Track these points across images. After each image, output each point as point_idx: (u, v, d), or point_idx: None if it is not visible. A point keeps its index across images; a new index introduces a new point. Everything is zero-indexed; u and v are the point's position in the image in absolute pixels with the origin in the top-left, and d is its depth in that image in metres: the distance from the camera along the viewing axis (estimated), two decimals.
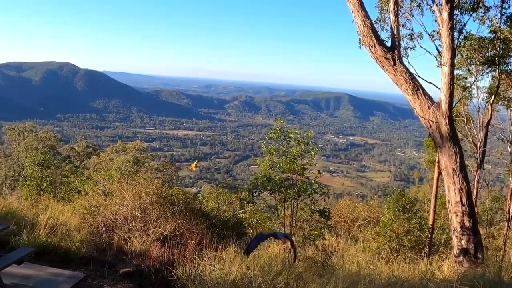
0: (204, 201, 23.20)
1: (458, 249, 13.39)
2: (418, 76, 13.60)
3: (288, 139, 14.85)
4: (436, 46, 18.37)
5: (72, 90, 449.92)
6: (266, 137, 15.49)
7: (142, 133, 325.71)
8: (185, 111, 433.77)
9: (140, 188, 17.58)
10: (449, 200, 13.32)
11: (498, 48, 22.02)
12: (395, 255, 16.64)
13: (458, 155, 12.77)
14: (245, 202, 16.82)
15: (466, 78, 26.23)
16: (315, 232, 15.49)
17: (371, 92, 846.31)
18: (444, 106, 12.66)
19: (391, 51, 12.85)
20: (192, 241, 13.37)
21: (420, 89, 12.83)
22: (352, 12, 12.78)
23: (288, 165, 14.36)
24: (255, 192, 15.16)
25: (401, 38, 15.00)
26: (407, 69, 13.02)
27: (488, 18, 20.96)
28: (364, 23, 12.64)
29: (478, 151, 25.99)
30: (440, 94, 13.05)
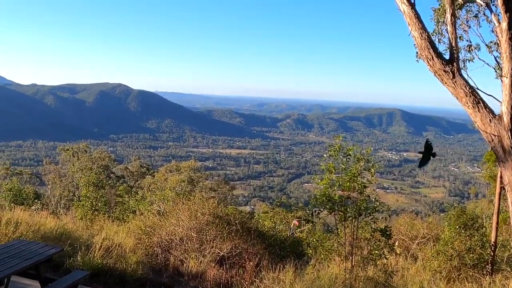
0: (260, 220, 22.89)
1: None
2: (478, 89, 13.13)
3: (347, 157, 14.43)
4: (494, 57, 17.79)
5: (125, 110, 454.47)
6: (325, 155, 15.08)
7: (196, 153, 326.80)
8: (238, 130, 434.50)
9: (196, 208, 17.31)
10: None
11: None
12: (456, 274, 16.07)
13: None
14: (303, 221, 16.40)
15: None
16: (376, 252, 15.02)
17: (424, 107, 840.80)
18: (506, 119, 12.14)
19: (450, 64, 12.40)
20: (250, 263, 12.99)
21: (481, 102, 12.33)
22: (409, 25, 12.38)
23: (348, 183, 13.95)
24: (315, 211, 14.78)
25: (459, 50, 14.51)
26: (466, 82, 12.55)
27: None
28: (422, 35, 12.22)
29: None
30: (501, 106, 12.53)
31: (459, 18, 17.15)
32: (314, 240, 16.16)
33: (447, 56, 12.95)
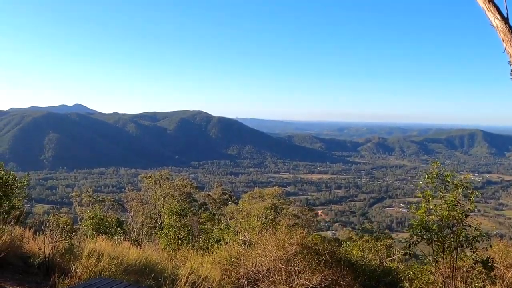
0: (349, 249, 22.14)
1: None
2: None
3: (446, 183, 13.50)
4: None
5: (206, 137, 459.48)
6: (421, 182, 14.18)
7: (277, 178, 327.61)
8: (318, 155, 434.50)
9: (283, 237, 16.59)
10: None
11: None
12: None
13: None
14: (403, 254, 15.52)
15: None
16: (476, 285, 14.05)
17: (505, 127, 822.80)
18: None
19: None
20: None
21: None
22: (503, 41, 11.42)
23: (447, 211, 13.03)
24: (412, 242, 13.85)
25: None
26: None
27: None
28: None
29: None
30: None
31: None
32: (411, 272, 15.27)
33: None
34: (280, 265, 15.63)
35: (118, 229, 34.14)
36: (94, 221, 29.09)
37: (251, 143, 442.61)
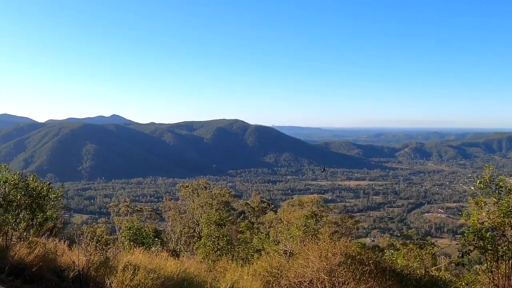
0: (393, 258, 21.51)
1: None
2: None
3: (499, 189, 12.73)
4: None
5: (242, 145, 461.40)
6: (472, 187, 13.45)
7: (314, 185, 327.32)
8: (356, 161, 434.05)
9: (326, 247, 16.00)
10: None
11: None
12: None
13: None
14: (456, 264, 14.82)
15: None
16: None
17: None
18: None
19: None
20: None
21: None
22: None
23: (501, 218, 12.28)
24: (465, 252, 13.12)
25: None
26: None
27: None
28: None
29: None
30: None
31: None
32: (463, 283, 14.57)
33: None
34: (323, 276, 15.10)
35: (156, 239, 33.81)
36: (131, 231, 28.75)
37: (288, 151, 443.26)
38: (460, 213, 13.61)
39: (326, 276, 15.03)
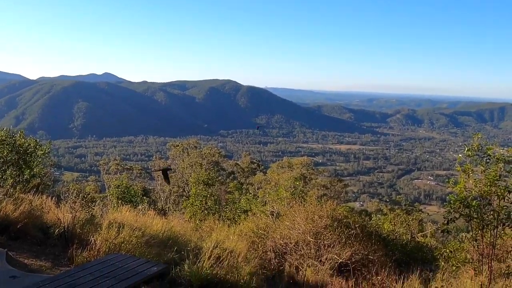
0: (379, 223, 21.55)
1: None
2: None
3: (487, 157, 12.66)
4: None
5: (234, 106, 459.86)
6: (460, 155, 13.39)
7: (305, 148, 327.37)
8: (347, 126, 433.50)
9: (313, 210, 16.00)
10: None
11: None
12: None
13: None
14: (441, 231, 14.79)
15: None
16: None
17: None
18: None
19: None
20: (378, 277, 11.56)
21: None
22: None
23: (488, 187, 12.24)
24: (450, 219, 13.08)
25: None
26: None
27: None
28: None
29: None
30: None
31: None
32: (448, 250, 14.56)
33: None
34: (309, 238, 15.13)
35: (144, 198, 33.83)
36: (119, 189, 28.66)
37: (280, 113, 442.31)
38: (448, 180, 13.52)
39: (312, 239, 15.05)
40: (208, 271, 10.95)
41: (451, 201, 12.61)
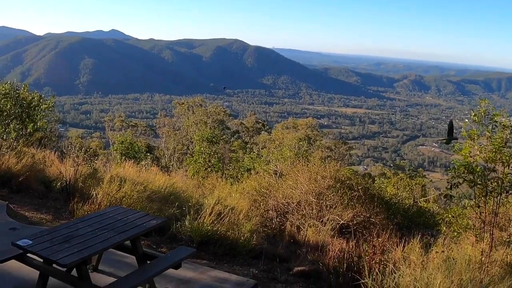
0: (383, 186, 21.54)
1: None
2: None
3: (494, 123, 12.55)
4: None
5: (241, 66, 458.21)
6: (466, 120, 13.30)
7: (311, 110, 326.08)
8: (354, 89, 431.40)
9: (316, 170, 15.97)
10: None
11: None
12: None
13: None
14: (444, 196, 14.72)
15: None
16: None
17: None
18: None
19: None
20: (379, 239, 11.52)
21: None
22: None
23: (493, 153, 12.15)
24: (454, 184, 13.01)
25: None
26: None
27: None
28: None
29: None
30: None
31: None
32: (450, 216, 14.52)
33: None
34: (311, 198, 15.11)
35: (148, 154, 33.87)
36: (123, 145, 28.70)
37: (286, 74, 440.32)
38: (453, 145, 13.41)
39: (314, 199, 15.04)
40: (209, 227, 10.98)
41: (456, 166, 12.54)
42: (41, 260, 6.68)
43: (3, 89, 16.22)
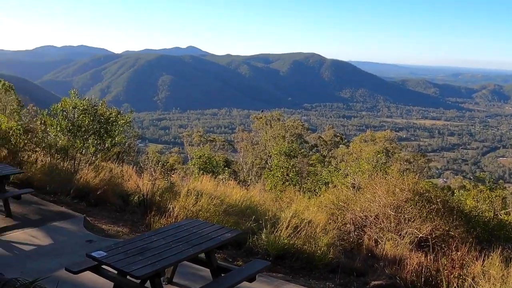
0: (462, 198, 21.14)
1: None
2: None
3: None
4: None
5: (318, 80, 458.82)
6: None
7: (389, 123, 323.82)
8: (432, 100, 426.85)
9: (394, 182, 15.78)
10: None
11: None
12: None
13: None
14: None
15: None
16: None
17: None
18: None
19: None
20: (458, 253, 11.30)
21: None
22: None
23: None
24: None
25: None
26: None
27: None
28: None
29: None
30: None
31: None
32: None
33: None
34: (389, 211, 14.89)
35: (226, 169, 34.10)
36: (201, 160, 28.99)
37: (364, 86, 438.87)
38: None
39: (392, 212, 14.84)
40: (285, 240, 10.95)
41: None
42: (115, 272, 6.75)
43: (82, 105, 16.52)
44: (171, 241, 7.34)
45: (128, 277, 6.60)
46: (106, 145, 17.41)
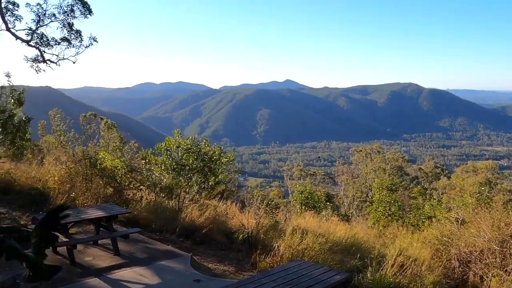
0: None
1: None
2: None
3: None
4: None
5: (417, 110, 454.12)
6: None
7: (489, 151, 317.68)
8: None
9: (499, 216, 15.53)
10: None
11: None
12: None
13: None
14: None
15: None
16: None
17: None
18: None
19: None
20: None
21: None
22: None
23: None
24: None
25: None
26: None
27: None
28: None
29: None
30: None
31: None
32: None
33: None
34: (494, 246, 14.65)
35: (328, 203, 34.07)
36: (303, 195, 29.11)
37: (463, 115, 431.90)
38: None
39: (498, 247, 14.61)
40: (391, 279, 10.94)
41: None
42: None
43: (185, 144, 16.90)
44: (281, 284, 7.45)
45: None
46: (210, 183, 17.73)
